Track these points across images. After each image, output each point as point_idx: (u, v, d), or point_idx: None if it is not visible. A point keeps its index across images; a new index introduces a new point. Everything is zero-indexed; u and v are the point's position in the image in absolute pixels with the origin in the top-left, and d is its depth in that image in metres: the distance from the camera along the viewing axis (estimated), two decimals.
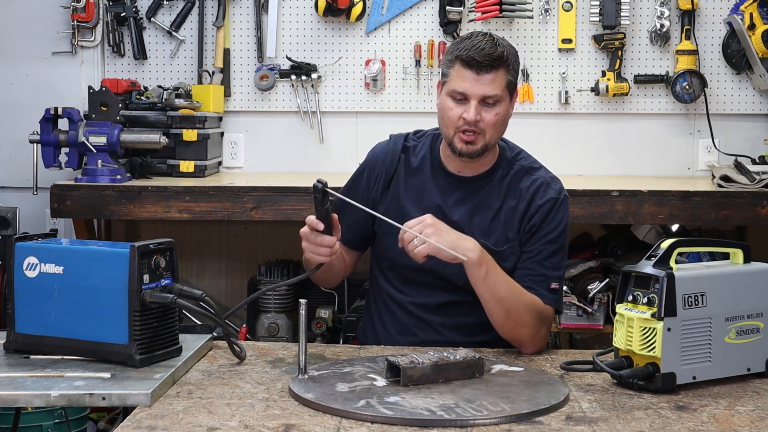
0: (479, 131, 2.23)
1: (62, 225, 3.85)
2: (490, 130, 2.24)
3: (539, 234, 2.27)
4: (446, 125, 2.27)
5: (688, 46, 3.84)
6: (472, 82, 2.21)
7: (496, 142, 2.30)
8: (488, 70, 2.20)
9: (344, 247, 2.41)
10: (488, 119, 2.23)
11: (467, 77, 2.21)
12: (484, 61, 2.19)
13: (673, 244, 1.89)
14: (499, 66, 2.21)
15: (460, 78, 2.22)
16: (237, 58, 3.96)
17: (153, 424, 1.65)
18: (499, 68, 2.22)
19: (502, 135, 2.32)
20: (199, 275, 4.09)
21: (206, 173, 3.67)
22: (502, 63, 2.22)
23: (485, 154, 2.29)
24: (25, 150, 3.63)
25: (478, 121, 2.22)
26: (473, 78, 2.21)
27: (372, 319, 2.44)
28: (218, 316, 2.01)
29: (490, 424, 1.66)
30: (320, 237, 2.09)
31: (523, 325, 2.16)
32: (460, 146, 2.25)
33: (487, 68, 2.20)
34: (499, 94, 2.22)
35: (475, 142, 2.24)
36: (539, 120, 3.95)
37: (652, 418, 1.71)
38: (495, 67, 2.21)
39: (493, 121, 2.24)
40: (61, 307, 1.96)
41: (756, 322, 1.94)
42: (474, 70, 2.20)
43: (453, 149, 2.27)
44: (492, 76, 2.21)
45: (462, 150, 2.25)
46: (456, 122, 2.24)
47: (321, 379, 1.87)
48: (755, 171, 3.45)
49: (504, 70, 2.23)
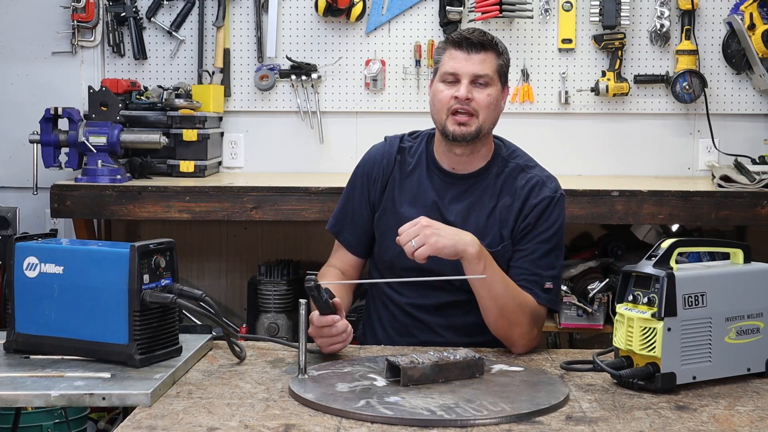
0: (473, 112, 2.24)
1: (62, 225, 3.85)
2: (483, 111, 2.25)
3: (534, 233, 2.27)
4: (438, 110, 2.28)
5: (688, 46, 3.84)
6: (462, 61, 2.25)
7: (489, 128, 2.29)
8: (478, 50, 2.25)
9: (352, 257, 2.41)
10: (480, 99, 2.24)
11: (458, 57, 2.26)
12: (474, 40, 2.25)
13: (673, 244, 1.89)
14: (488, 48, 2.26)
15: (451, 59, 2.26)
16: (237, 58, 3.96)
17: (153, 424, 1.65)
18: (489, 50, 2.26)
19: (495, 122, 2.31)
20: (199, 275, 4.09)
21: (206, 173, 3.67)
22: (492, 46, 2.27)
23: (479, 141, 2.28)
24: (25, 150, 3.63)
25: (470, 100, 2.23)
26: (464, 57, 2.25)
27: (371, 321, 2.44)
28: (218, 316, 2.01)
29: (490, 424, 1.66)
30: (332, 328, 2.05)
31: (516, 324, 2.16)
32: (453, 128, 2.25)
33: (477, 48, 2.25)
34: (489, 75, 2.25)
35: (468, 123, 2.24)
36: (539, 120, 3.95)
37: (652, 418, 1.71)
38: (485, 48, 2.25)
39: (485, 102, 2.25)
40: (61, 307, 1.96)
41: (756, 322, 1.94)
42: (464, 49, 2.25)
43: (446, 134, 2.27)
44: (482, 56, 2.25)
45: (455, 132, 2.25)
46: (448, 103, 2.25)
47: (321, 379, 1.87)
48: (755, 171, 3.45)
49: (494, 54, 2.27)
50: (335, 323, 2.04)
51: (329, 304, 2.03)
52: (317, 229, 3.70)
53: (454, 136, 2.25)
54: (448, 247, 2.07)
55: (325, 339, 2.06)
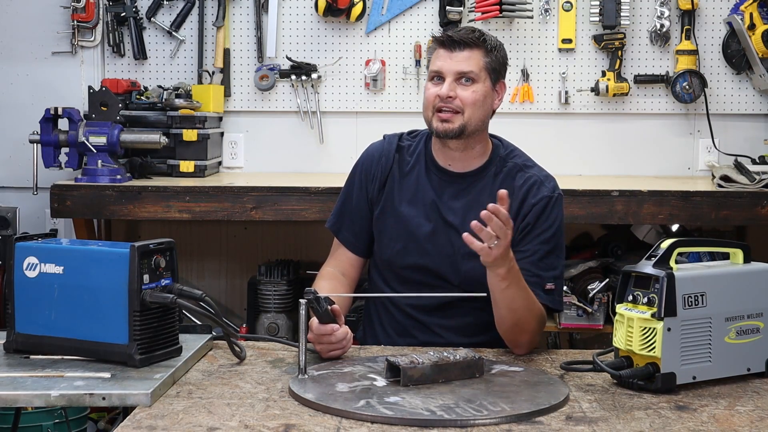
0: (456, 109, 2.25)
1: (62, 225, 3.85)
2: (468, 109, 2.25)
3: (533, 233, 2.27)
4: (425, 108, 2.30)
5: (688, 46, 3.84)
6: (445, 59, 2.26)
7: (477, 125, 2.28)
8: (462, 48, 2.26)
9: (352, 256, 2.41)
10: (465, 96, 2.25)
11: (442, 56, 2.28)
12: (457, 39, 2.26)
13: (673, 244, 1.89)
14: (473, 46, 2.26)
15: (437, 58, 2.29)
16: (237, 58, 3.96)
17: (153, 424, 1.65)
18: (474, 48, 2.26)
19: (484, 119, 2.30)
20: (199, 275, 4.09)
21: (206, 173, 3.67)
22: (478, 44, 2.26)
23: (470, 137, 2.28)
24: (25, 150, 3.63)
25: (453, 98, 2.24)
26: (447, 56, 2.26)
27: (371, 321, 2.44)
28: (218, 316, 2.01)
29: (490, 424, 1.66)
30: (333, 336, 2.05)
31: (527, 331, 2.16)
32: (437, 125, 2.27)
33: (461, 46, 2.26)
34: (474, 71, 2.25)
35: (451, 120, 2.25)
36: (539, 120, 3.95)
37: (652, 418, 1.71)
38: (469, 46, 2.26)
39: (471, 99, 2.25)
40: (61, 307, 1.96)
41: (756, 322, 1.94)
42: (448, 48, 2.26)
43: (433, 132, 2.30)
44: (467, 54, 2.26)
45: (438, 129, 2.26)
46: (433, 101, 2.27)
47: (321, 379, 1.88)
48: (755, 171, 3.45)
49: (481, 52, 2.27)
50: (334, 332, 2.04)
51: (328, 313, 2.02)
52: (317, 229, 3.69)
53: (438, 132, 2.27)
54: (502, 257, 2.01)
55: (325, 346, 2.06)
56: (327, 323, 2.03)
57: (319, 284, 2.32)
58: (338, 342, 2.05)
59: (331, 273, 2.39)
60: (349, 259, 2.42)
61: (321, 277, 2.38)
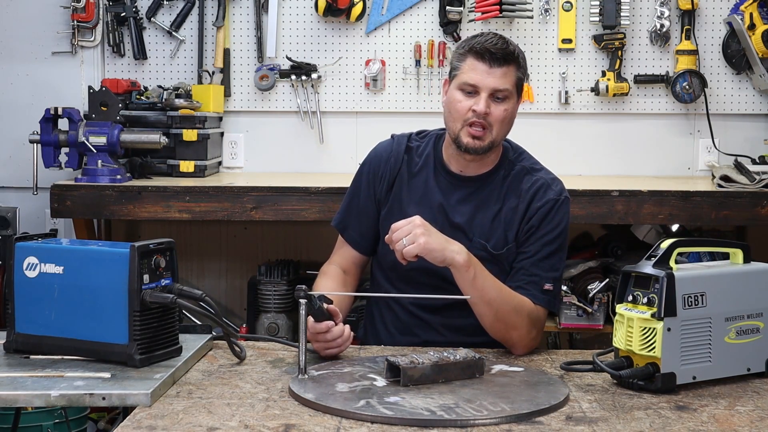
0: (487, 125, 2.23)
1: (62, 225, 3.85)
2: (497, 125, 2.24)
3: (537, 235, 2.27)
4: (453, 119, 2.27)
5: (688, 46, 3.84)
6: (483, 74, 2.22)
7: (501, 140, 2.30)
8: (500, 64, 2.22)
9: (356, 254, 2.41)
10: (497, 114, 2.23)
11: (479, 69, 2.23)
12: (497, 54, 2.21)
13: (673, 244, 1.89)
14: (510, 61, 2.23)
15: (472, 70, 2.23)
16: (237, 58, 3.96)
17: (153, 424, 1.65)
18: (511, 64, 2.24)
19: (507, 134, 2.32)
20: (199, 275, 4.09)
21: (206, 173, 3.67)
22: (513, 59, 2.24)
23: (490, 151, 2.29)
24: (25, 150, 3.63)
25: (488, 114, 2.22)
26: (485, 70, 2.22)
27: (373, 319, 2.44)
28: (218, 316, 2.01)
29: (490, 424, 1.66)
30: (329, 334, 2.05)
31: (512, 326, 2.16)
32: (467, 141, 2.25)
33: (500, 62, 2.22)
34: (509, 89, 2.24)
35: (482, 137, 2.24)
36: (539, 120, 3.95)
37: (652, 418, 1.71)
38: (507, 62, 2.23)
39: (501, 117, 2.24)
40: (61, 307, 1.96)
41: (756, 322, 1.94)
42: (487, 62, 2.22)
43: (459, 144, 2.26)
44: (504, 70, 2.23)
45: (468, 145, 2.25)
46: (464, 114, 2.24)
47: (321, 379, 1.88)
48: (755, 171, 3.45)
49: (515, 67, 2.25)
50: (330, 329, 2.04)
51: (323, 311, 2.02)
52: (317, 229, 3.70)
53: (467, 148, 2.25)
54: (437, 251, 2.06)
55: (321, 344, 2.06)
56: (322, 321, 2.03)
57: (321, 282, 2.32)
58: (334, 340, 2.05)
59: (334, 271, 2.39)
60: (352, 257, 2.42)
61: (323, 274, 2.38)
